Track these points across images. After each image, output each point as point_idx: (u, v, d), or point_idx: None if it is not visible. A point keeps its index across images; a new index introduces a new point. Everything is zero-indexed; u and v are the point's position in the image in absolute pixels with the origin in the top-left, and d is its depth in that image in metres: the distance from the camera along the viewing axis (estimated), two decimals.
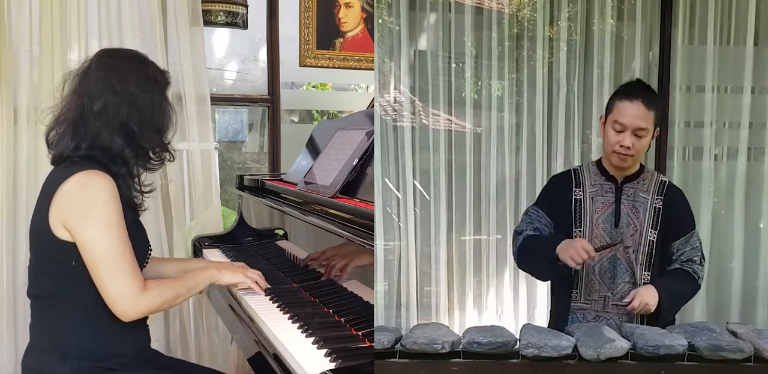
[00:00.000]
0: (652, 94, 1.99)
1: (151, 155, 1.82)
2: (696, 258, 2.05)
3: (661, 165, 3.11)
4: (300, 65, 3.63)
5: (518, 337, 1.63)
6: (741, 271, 3.14)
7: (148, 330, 1.88)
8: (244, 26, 3.29)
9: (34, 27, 2.72)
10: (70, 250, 1.67)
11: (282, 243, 2.38)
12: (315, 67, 3.66)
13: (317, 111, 4.71)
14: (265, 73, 3.56)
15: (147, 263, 1.86)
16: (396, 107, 3.03)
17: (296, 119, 4.61)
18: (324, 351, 1.54)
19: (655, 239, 1.98)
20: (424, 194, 3.04)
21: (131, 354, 1.79)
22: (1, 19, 2.65)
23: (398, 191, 3.01)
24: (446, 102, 3.06)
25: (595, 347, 1.57)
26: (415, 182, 3.03)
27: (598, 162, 2.08)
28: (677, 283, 2.00)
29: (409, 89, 3.02)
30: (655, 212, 2.00)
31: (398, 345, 1.60)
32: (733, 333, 1.71)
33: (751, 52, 3.09)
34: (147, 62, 1.84)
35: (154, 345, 1.94)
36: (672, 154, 3.13)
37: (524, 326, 1.73)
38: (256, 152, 4.76)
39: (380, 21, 3.03)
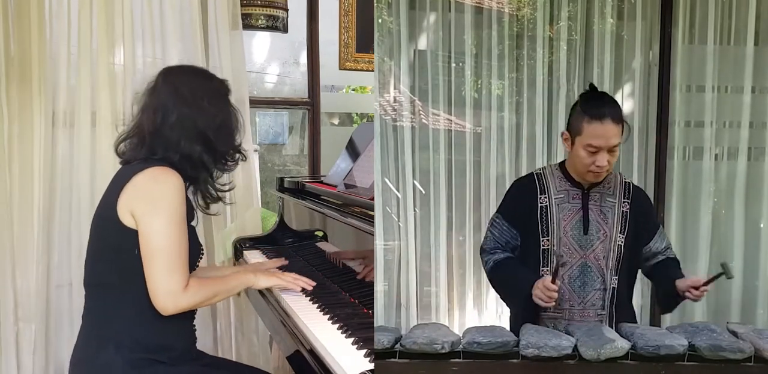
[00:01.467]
0: (615, 105, 1.90)
1: (227, 157, 1.93)
2: (671, 246, 2.09)
3: (661, 165, 3.11)
4: (340, 68, 3.64)
5: (518, 337, 1.62)
6: (741, 271, 3.14)
7: (195, 329, 1.93)
8: (285, 30, 3.30)
9: (72, 31, 2.74)
10: (135, 238, 1.72)
11: (322, 245, 2.39)
12: (355, 70, 3.66)
13: (357, 114, 4.71)
14: (306, 76, 3.58)
15: (197, 266, 1.91)
16: (396, 107, 3.03)
17: (336, 122, 4.60)
18: (364, 351, 1.55)
19: (623, 244, 1.95)
20: (424, 193, 3.04)
21: (180, 349, 1.83)
22: (41, 23, 2.67)
23: (398, 191, 3.01)
24: (446, 102, 3.06)
25: (595, 347, 1.57)
26: (415, 181, 3.03)
27: (562, 166, 2.01)
28: (678, 268, 2.05)
29: (409, 89, 3.02)
30: (622, 216, 1.96)
31: (398, 345, 1.60)
32: (733, 333, 1.70)
33: (751, 52, 3.09)
34: (209, 75, 1.97)
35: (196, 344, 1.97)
36: (672, 154, 3.13)
37: (524, 326, 1.73)
38: (297, 155, 4.77)
39: (380, 21, 3.03)
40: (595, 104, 1.89)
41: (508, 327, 1.80)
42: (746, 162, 3.12)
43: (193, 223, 1.90)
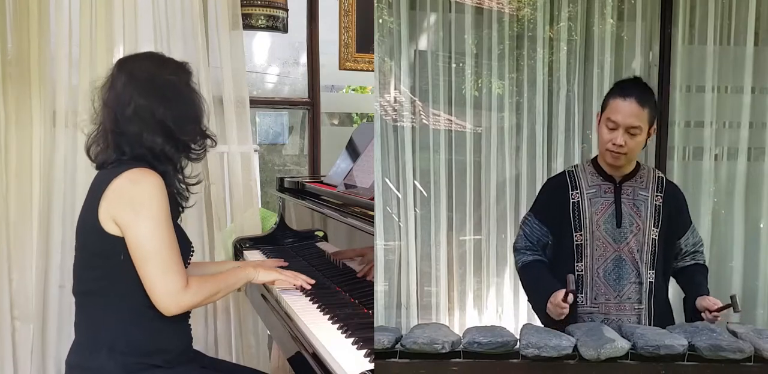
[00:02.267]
0: (647, 92, 1.95)
1: (192, 145, 1.86)
2: (701, 249, 2.11)
3: (661, 165, 3.11)
4: (340, 68, 3.64)
5: (518, 337, 1.63)
6: (741, 271, 3.14)
7: (191, 329, 1.91)
8: (285, 30, 3.31)
9: (73, 30, 2.74)
10: (119, 244, 1.70)
11: (322, 245, 2.39)
12: (355, 70, 3.66)
13: (357, 114, 4.71)
14: (306, 76, 3.58)
15: (189, 263, 1.89)
16: (396, 107, 3.04)
17: (336, 122, 4.59)
18: (364, 351, 1.55)
19: (657, 238, 1.96)
20: (424, 194, 3.05)
21: (175, 352, 1.81)
22: (44, 22, 2.67)
23: (398, 191, 3.01)
24: (446, 102, 3.06)
25: (595, 347, 1.57)
26: (415, 182, 3.03)
27: (594, 162, 2.03)
28: (705, 279, 2.09)
29: (409, 89, 3.02)
30: (656, 209, 1.97)
31: (398, 345, 1.60)
32: (733, 333, 1.71)
33: (751, 52, 3.09)
34: (165, 60, 1.88)
35: (194, 345, 1.96)
36: (672, 154, 3.13)
37: (524, 326, 1.74)
38: (297, 155, 4.74)
39: (380, 21, 3.03)
40: (627, 84, 1.97)
41: (508, 327, 1.80)
42: (746, 162, 3.12)
43: (179, 220, 1.88)
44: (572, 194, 1.99)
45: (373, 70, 3.42)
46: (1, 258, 2.69)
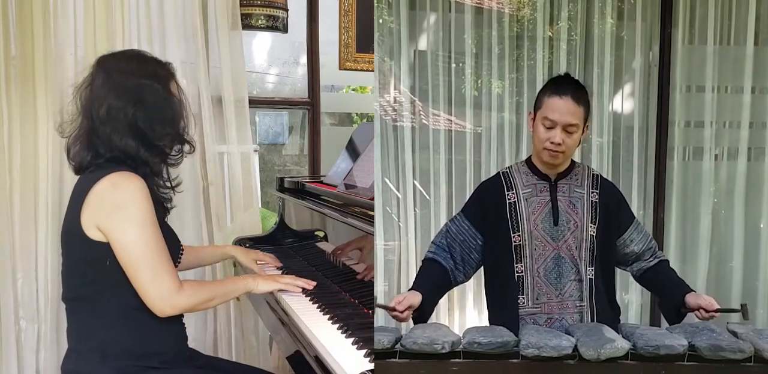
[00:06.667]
0: (582, 89, 1.93)
1: (167, 150, 1.81)
2: (653, 244, 2.07)
3: (661, 165, 3.12)
4: (340, 68, 3.64)
5: (518, 337, 1.63)
6: (741, 271, 3.15)
7: (185, 328, 1.89)
8: (285, 30, 3.31)
9: (78, 31, 2.74)
10: (104, 251, 1.67)
11: (322, 245, 2.39)
12: (355, 70, 3.66)
13: (357, 114, 4.71)
14: (306, 76, 3.59)
15: (179, 262, 1.88)
16: (396, 107, 3.04)
17: (336, 122, 4.60)
18: (364, 351, 1.55)
19: (595, 234, 1.94)
20: (424, 194, 3.05)
21: (170, 353, 1.80)
22: (46, 24, 2.67)
23: (398, 191, 3.01)
24: (446, 102, 3.06)
25: (595, 347, 1.57)
26: (415, 182, 3.03)
27: (528, 161, 2.00)
28: (676, 274, 2.06)
29: (409, 89, 3.02)
30: (592, 206, 1.95)
31: (398, 345, 1.60)
32: (733, 333, 1.71)
33: (751, 52, 3.09)
34: (146, 59, 1.81)
35: (192, 344, 1.95)
36: (672, 154, 3.13)
37: (524, 326, 1.73)
38: (297, 155, 4.74)
39: (380, 21, 3.03)
40: (560, 81, 1.94)
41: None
42: (746, 162, 3.12)
43: (166, 219, 1.85)
44: (508, 194, 1.95)
45: (373, 70, 3.41)
46: (6, 258, 2.69)
